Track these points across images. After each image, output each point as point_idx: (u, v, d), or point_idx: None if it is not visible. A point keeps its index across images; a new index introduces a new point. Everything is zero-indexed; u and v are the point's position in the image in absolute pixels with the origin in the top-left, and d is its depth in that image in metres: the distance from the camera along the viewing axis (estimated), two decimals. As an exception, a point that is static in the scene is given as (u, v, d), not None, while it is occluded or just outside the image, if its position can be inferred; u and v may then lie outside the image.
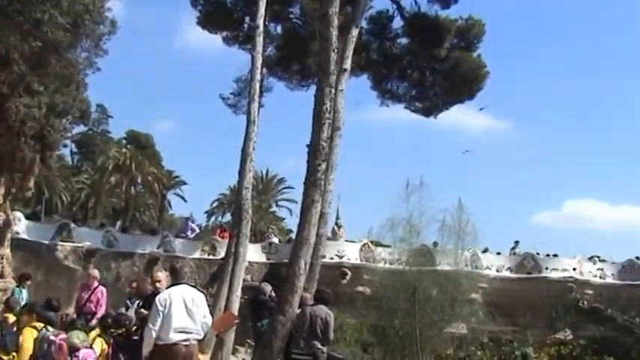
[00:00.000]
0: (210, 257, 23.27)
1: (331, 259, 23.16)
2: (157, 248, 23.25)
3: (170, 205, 53.19)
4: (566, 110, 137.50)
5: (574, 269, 24.42)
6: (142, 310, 7.46)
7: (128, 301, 9.04)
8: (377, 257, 23.07)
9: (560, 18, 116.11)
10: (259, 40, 14.07)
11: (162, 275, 7.52)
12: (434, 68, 19.31)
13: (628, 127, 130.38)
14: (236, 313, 11.13)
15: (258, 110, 14.35)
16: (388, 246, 19.89)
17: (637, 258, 26.14)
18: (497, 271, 24.95)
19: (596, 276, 25.22)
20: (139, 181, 48.17)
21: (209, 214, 51.04)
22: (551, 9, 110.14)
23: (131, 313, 8.33)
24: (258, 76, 14.06)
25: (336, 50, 10.43)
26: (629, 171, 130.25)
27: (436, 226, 15.56)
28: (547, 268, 24.67)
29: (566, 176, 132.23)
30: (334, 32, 10.21)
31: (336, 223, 26.64)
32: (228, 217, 45.32)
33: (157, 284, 7.38)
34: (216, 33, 21.41)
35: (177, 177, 52.93)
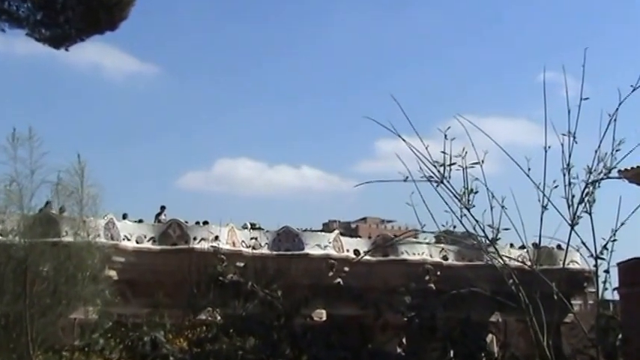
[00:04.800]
0: None
1: None
2: None
3: None
4: (224, 57, 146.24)
5: (216, 237, 26.37)
6: None
7: None
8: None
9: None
10: None
11: None
12: (65, -14, 18.86)
13: (289, 83, 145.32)
14: None
15: None
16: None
17: (302, 228, 29.95)
18: (137, 242, 25.93)
19: (249, 246, 27.99)
20: None
21: None
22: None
23: None
24: None
25: None
26: (286, 128, 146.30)
27: (52, 188, 15.53)
28: (195, 238, 26.46)
29: (218, 132, 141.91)
30: None
31: None
32: None
33: None
34: None
35: None
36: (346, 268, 28.93)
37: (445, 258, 31.01)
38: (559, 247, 25.95)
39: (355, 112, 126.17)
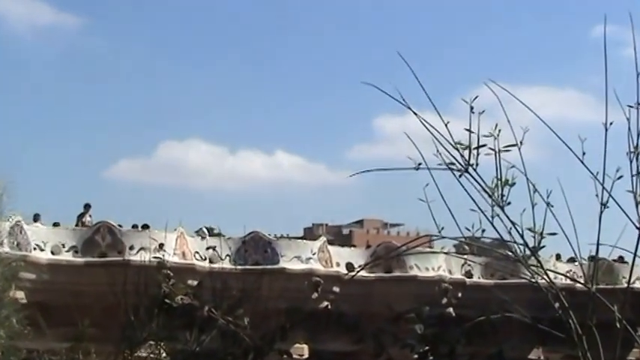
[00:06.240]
0: None
1: None
2: None
3: None
4: (169, 5, 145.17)
5: (160, 246, 26.39)
6: None
7: None
8: None
9: None
10: None
11: None
12: None
13: (256, 38, 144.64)
14: None
15: None
16: None
17: (276, 235, 29.93)
18: (53, 252, 25.88)
19: (205, 258, 27.98)
20: None
21: None
22: None
23: None
24: None
25: None
26: (253, 100, 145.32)
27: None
28: (132, 248, 26.45)
29: (162, 106, 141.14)
30: None
31: None
32: None
33: None
34: None
35: None
36: (336, 288, 28.99)
37: (469, 274, 31.15)
38: (622, 259, 26.39)
39: (347, 79, 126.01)
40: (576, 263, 5.86)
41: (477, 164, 5.00)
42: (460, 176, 5.01)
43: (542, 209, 4.95)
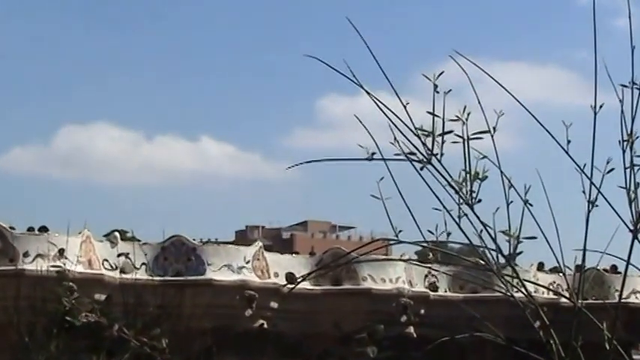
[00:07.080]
0: None
1: None
2: None
3: None
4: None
5: (61, 252, 26.29)
6: None
7: None
8: None
9: None
10: None
11: None
12: None
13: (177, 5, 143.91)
14: None
15: None
16: None
17: (202, 239, 29.78)
18: None
19: (116, 267, 27.85)
20: None
21: None
22: None
23: None
24: None
25: None
26: (174, 77, 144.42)
27: None
28: (27, 254, 26.17)
29: (61, 83, 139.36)
30: None
31: None
32: None
33: None
34: None
35: None
36: (274, 304, 28.99)
37: (434, 286, 31.26)
38: (615, 268, 26.68)
39: (285, 51, 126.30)
40: (560, 273, 5.88)
41: (441, 154, 5.01)
42: (422, 168, 5.01)
43: (519, 208, 4.98)
